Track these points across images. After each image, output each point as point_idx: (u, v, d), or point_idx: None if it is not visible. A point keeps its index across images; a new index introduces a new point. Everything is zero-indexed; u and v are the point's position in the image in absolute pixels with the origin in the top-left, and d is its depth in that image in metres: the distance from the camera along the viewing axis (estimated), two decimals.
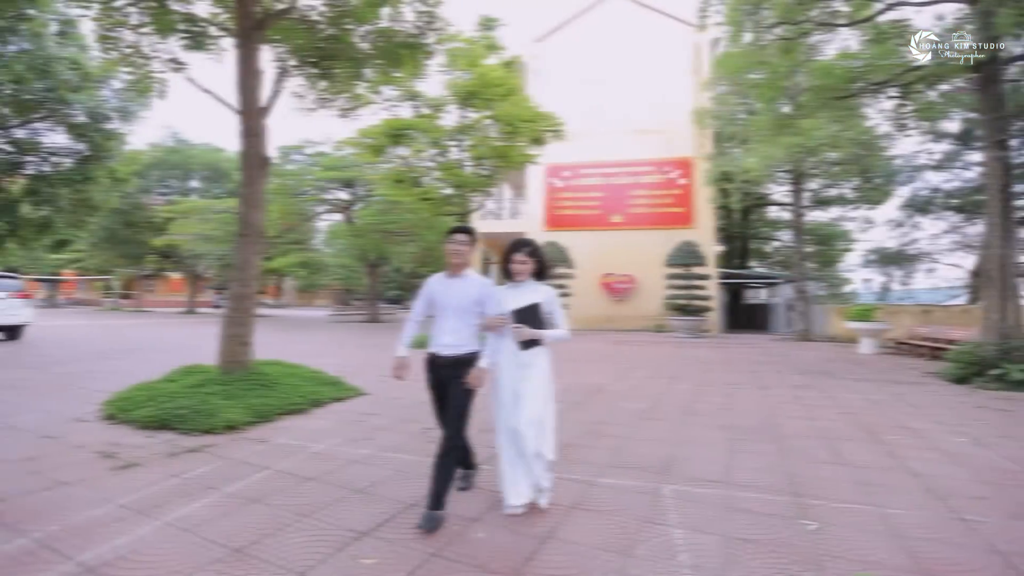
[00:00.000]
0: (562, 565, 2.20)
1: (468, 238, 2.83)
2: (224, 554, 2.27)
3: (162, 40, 5.19)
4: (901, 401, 6.00)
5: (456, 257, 2.79)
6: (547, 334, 2.79)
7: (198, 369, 5.87)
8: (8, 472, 3.28)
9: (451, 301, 2.77)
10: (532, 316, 2.77)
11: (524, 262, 2.84)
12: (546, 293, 2.85)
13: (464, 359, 2.72)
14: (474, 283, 2.79)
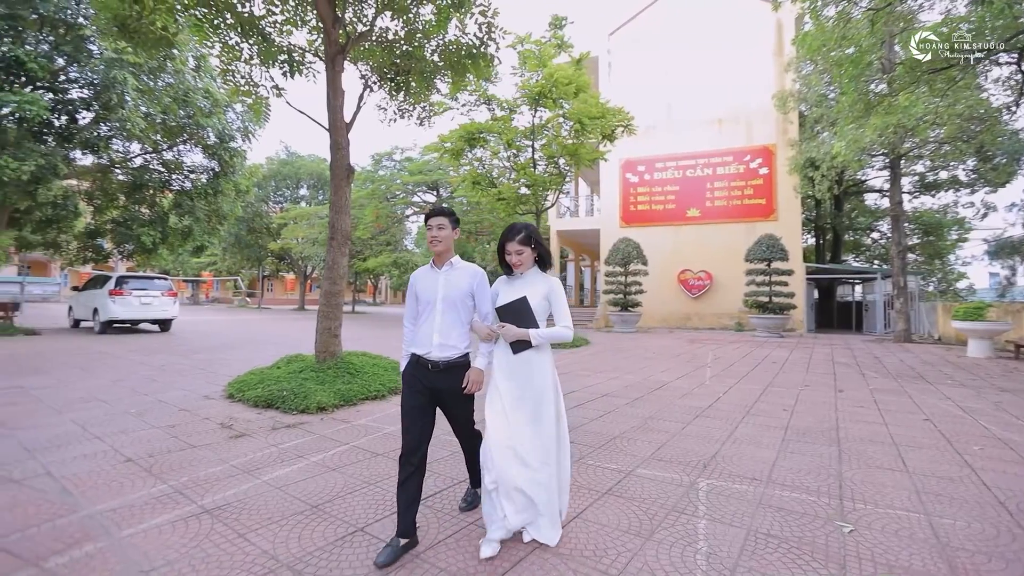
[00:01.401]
0: (582, 542, 2.44)
1: (447, 220, 2.48)
2: (305, 508, 2.78)
3: (266, 69, 6.05)
4: (1001, 411, 5.37)
5: (434, 244, 2.46)
6: (537, 333, 2.34)
7: (298, 358, 6.76)
8: (156, 436, 4.14)
9: (438, 295, 2.44)
10: (519, 313, 2.35)
11: (520, 252, 2.42)
12: (548, 285, 2.45)
13: (457, 363, 2.42)
14: (464, 273, 2.48)
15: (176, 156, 15.81)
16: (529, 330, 2.34)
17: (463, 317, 2.46)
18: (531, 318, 2.36)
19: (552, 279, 2.49)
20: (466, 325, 2.47)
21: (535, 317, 2.36)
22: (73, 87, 12.15)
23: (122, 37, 5.08)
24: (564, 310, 2.44)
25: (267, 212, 34.43)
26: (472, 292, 2.46)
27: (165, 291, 14.27)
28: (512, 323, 2.36)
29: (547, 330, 2.39)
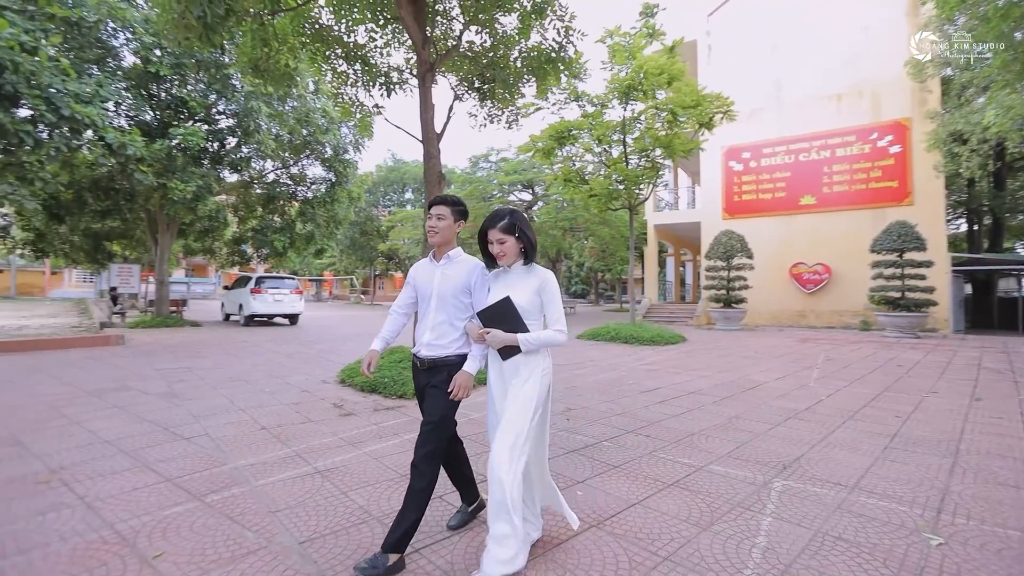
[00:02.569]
0: (637, 525, 2.56)
1: (448, 210, 2.27)
2: (395, 476, 3.20)
3: (368, 91, 6.78)
4: None
5: (432, 235, 2.28)
6: (526, 339, 2.06)
7: (399, 350, 7.44)
8: (284, 410, 4.91)
9: (433, 289, 2.27)
10: (502, 316, 2.08)
11: (502, 240, 2.14)
12: (539, 279, 2.15)
13: (445, 362, 2.22)
14: (462, 267, 2.27)
15: (300, 170, 17.89)
16: (518, 335, 2.06)
17: (458, 314, 2.24)
18: (517, 320, 2.07)
19: (544, 272, 2.19)
20: (461, 323, 2.24)
21: (522, 318, 2.08)
22: (221, 118, 14.34)
23: (256, 75, 6.10)
24: (558, 309, 2.14)
25: (377, 216, 37.52)
26: (469, 288, 2.25)
27: (293, 289, 16.27)
28: (498, 327, 2.08)
29: (537, 335, 2.08)
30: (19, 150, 8.15)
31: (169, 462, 3.42)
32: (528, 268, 2.22)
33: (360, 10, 5.82)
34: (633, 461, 3.52)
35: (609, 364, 8.32)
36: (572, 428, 4.37)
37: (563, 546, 2.33)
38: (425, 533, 2.44)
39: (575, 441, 3.99)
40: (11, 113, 7.77)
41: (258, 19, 5.29)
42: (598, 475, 3.25)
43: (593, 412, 4.97)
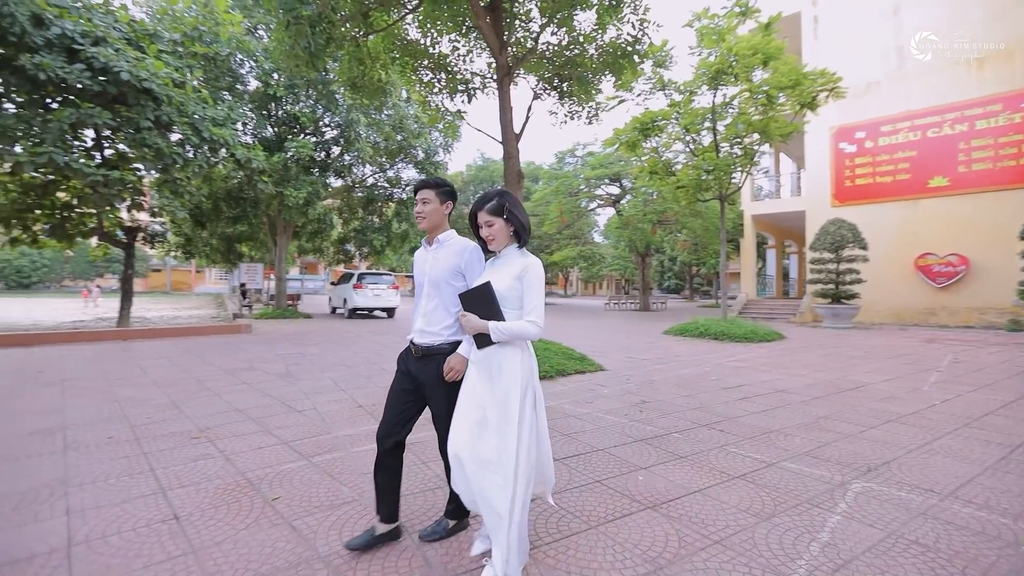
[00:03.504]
0: (694, 510, 2.62)
1: (432, 194, 2.21)
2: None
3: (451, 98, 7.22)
4: None
5: (421, 221, 2.23)
6: (497, 328, 1.94)
7: None
8: (377, 392, 5.47)
9: (426, 275, 2.23)
10: (480, 301, 1.99)
11: (490, 223, 2.06)
12: (522, 266, 2.02)
13: (438, 350, 2.16)
14: (452, 249, 2.20)
15: (395, 173, 19.18)
16: (489, 323, 1.95)
17: (452, 299, 2.16)
18: (494, 307, 1.97)
19: (529, 259, 2.05)
20: (456, 308, 2.15)
21: (499, 306, 1.98)
22: (327, 129, 15.85)
23: (353, 92, 6.80)
24: (536, 299, 1.99)
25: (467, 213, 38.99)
26: (461, 270, 2.16)
27: (390, 285, 17.54)
28: (475, 312, 1.99)
29: (508, 325, 1.95)
30: (172, 169, 9.74)
31: (284, 429, 4.03)
32: (516, 252, 2.10)
33: (443, 22, 6.26)
34: (701, 453, 3.52)
35: (694, 360, 8.10)
36: (644, 419, 4.42)
37: (616, 522, 2.47)
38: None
39: (644, 431, 4.05)
40: (166, 138, 9.31)
41: (354, 42, 5.94)
42: (662, 463, 3.31)
43: (668, 406, 4.96)
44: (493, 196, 2.10)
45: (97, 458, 3.35)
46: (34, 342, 9.16)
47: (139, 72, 8.32)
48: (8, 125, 8.03)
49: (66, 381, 5.90)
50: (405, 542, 2.28)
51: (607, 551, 2.20)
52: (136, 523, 2.44)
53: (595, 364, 7.23)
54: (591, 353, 8.11)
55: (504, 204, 2.06)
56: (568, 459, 3.38)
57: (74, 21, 8.12)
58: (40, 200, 10.12)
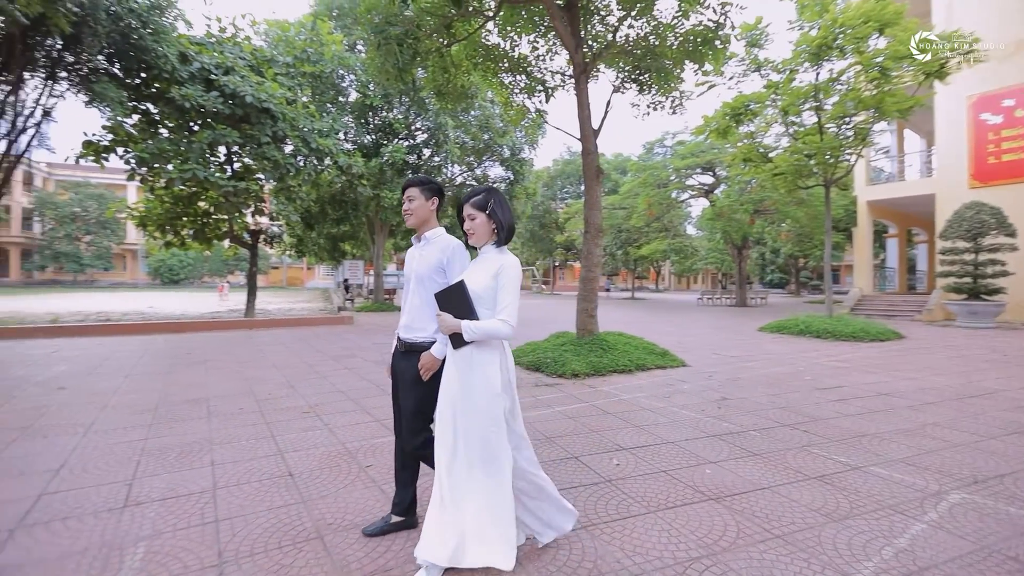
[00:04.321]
0: (759, 505, 2.60)
1: (417, 191, 2.24)
2: (541, 438, 3.72)
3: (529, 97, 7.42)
4: None
5: (408, 218, 2.27)
6: (469, 327, 1.91)
7: (564, 335, 8.02)
8: None
9: (413, 271, 2.25)
10: (454, 300, 1.97)
11: (472, 217, 2.05)
12: (498, 263, 2.00)
13: (420, 347, 2.17)
14: (438, 246, 2.21)
15: (483, 171, 19.81)
16: (462, 323, 1.93)
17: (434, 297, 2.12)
18: (468, 306, 1.96)
19: (506, 257, 2.04)
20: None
21: (473, 305, 1.97)
22: (419, 133, 16.80)
23: (439, 99, 7.27)
24: (509, 297, 1.97)
25: (554, 209, 39.10)
26: (443, 267, 2.18)
27: None
28: (450, 311, 1.97)
29: (480, 324, 1.92)
30: (287, 177, 10.98)
31: (378, 409, 4.51)
32: (498, 252, 2.08)
33: (523, 25, 6.46)
34: (778, 452, 3.42)
35: (788, 359, 7.63)
36: (721, 416, 4.34)
37: (676, 509, 2.54)
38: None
39: (719, 427, 3.99)
40: (282, 151, 10.52)
41: (438, 53, 6.35)
42: (733, 459, 3.28)
43: (750, 404, 4.79)
44: (481, 191, 2.10)
45: (232, 424, 4.02)
46: (183, 329, 10.84)
47: (260, 94, 9.51)
48: (163, 148, 9.58)
49: (207, 361, 6.99)
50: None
51: (662, 534, 2.29)
52: (261, 476, 2.95)
53: (677, 360, 7.10)
54: (675, 349, 7.95)
55: (489, 200, 2.06)
56: (636, 449, 3.46)
57: (210, 55, 9.47)
58: (186, 209, 11.91)
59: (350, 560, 2.08)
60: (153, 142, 9.94)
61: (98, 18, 7.81)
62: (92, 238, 40.32)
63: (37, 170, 40.47)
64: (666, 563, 2.05)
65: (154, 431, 3.84)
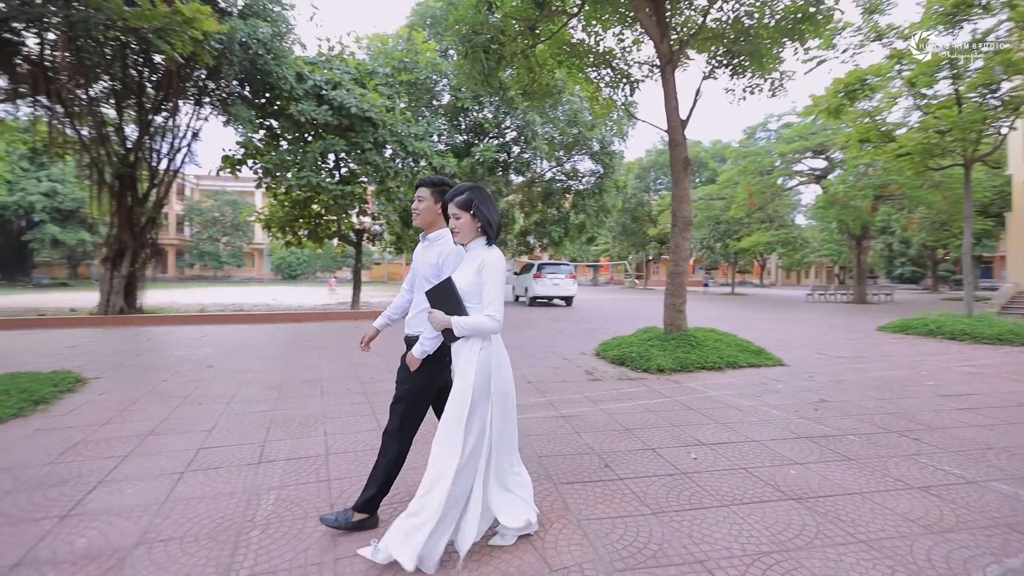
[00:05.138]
0: (846, 510, 2.48)
1: (427, 192, 2.31)
2: (620, 428, 3.79)
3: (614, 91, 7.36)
4: None
5: (415, 217, 2.37)
6: (458, 323, 1.98)
7: (651, 329, 7.90)
8: (545, 371, 6.05)
9: (417, 270, 2.37)
10: (443, 297, 2.03)
11: (457, 216, 2.09)
12: (481, 259, 2.04)
13: (415, 341, 2.24)
14: (437, 247, 2.30)
15: (572, 166, 19.79)
16: (451, 319, 2.00)
17: None
18: (456, 302, 2.02)
19: (491, 252, 2.06)
20: None
21: (461, 301, 2.03)
22: (508, 131, 17.20)
23: (525, 98, 7.45)
24: (493, 292, 2.00)
25: (647, 201, 37.85)
26: (438, 269, 2.26)
27: (568, 275, 18.26)
28: (441, 308, 2.04)
29: (467, 319, 1.99)
30: (387, 180, 11.87)
31: None
32: (484, 248, 2.10)
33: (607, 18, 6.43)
34: (878, 458, 3.19)
35: (908, 362, 6.87)
36: (816, 418, 4.09)
37: (751, 505, 2.51)
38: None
39: (812, 429, 3.78)
40: (382, 155, 11.40)
41: (523, 54, 6.54)
42: (823, 462, 3.12)
43: (852, 407, 4.45)
44: (464, 190, 2.11)
45: (340, 401, 4.56)
46: (300, 319, 12.18)
47: (363, 105, 10.40)
48: (283, 158, 10.83)
49: (320, 348, 7.85)
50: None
51: (733, 527, 2.29)
52: (364, 447, 3.36)
53: (774, 358, 6.71)
54: (773, 347, 7.50)
55: (472, 200, 2.08)
56: (716, 445, 3.41)
57: (320, 73, 10.51)
58: (302, 212, 13.34)
59: None
60: (275, 153, 11.29)
61: (233, 50, 9.04)
62: (228, 239, 46.19)
63: (187, 182, 47.18)
64: (733, 553, 2.07)
65: (279, 404, 4.48)
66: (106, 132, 11.02)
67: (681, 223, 6.89)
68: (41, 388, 4.63)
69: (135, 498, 2.59)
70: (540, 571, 1.95)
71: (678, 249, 7.02)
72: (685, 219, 6.89)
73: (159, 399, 4.64)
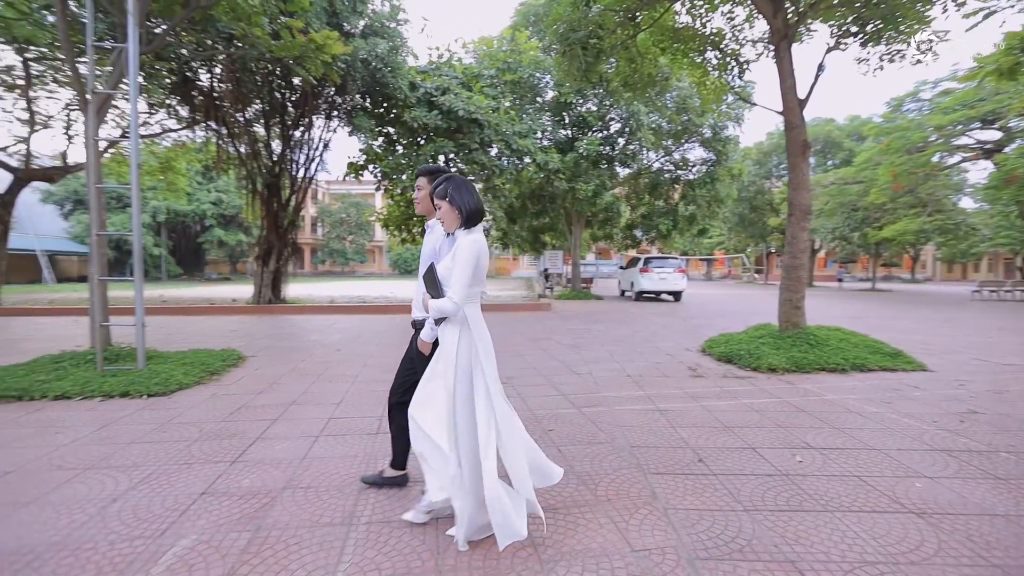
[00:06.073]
0: (981, 531, 2.20)
1: (425, 180, 2.41)
2: (719, 425, 3.68)
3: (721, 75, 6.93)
4: None
5: (417, 206, 2.49)
6: (431, 305, 2.11)
7: (764, 327, 7.37)
8: (646, 366, 5.96)
9: (422, 256, 2.47)
10: (429, 282, 2.15)
11: (439, 206, 2.20)
12: (456, 245, 2.14)
13: (422, 324, 2.33)
14: (434, 233, 2.41)
15: (681, 155, 18.88)
16: (429, 301, 2.14)
17: None
18: (437, 287, 2.14)
19: (467, 237, 2.14)
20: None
21: (441, 285, 2.14)
22: (612, 123, 16.88)
23: (627, 90, 7.32)
24: (457, 275, 2.06)
25: (768, 188, 34.73)
26: (437, 254, 2.37)
27: (676, 269, 17.52)
28: (430, 292, 2.16)
29: (433, 302, 2.11)
30: (493, 177, 12.36)
31: (565, 385, 4.98)
32: (465, 233, 2.18)
33: None
34: None
35: None
36: (959, 430, 3.60)
37: (862, 514, 2.33)
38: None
39: (951, 442, 3.34)
40: (488, 154, 11.89)
41: (623, 46, 6.42)
42: (959, 478, 2.77)
43: (1011, 421, 3.83)
44: (441, 181, 2.22)
45: None
46: None
47: (469, 107, 10.94)
48: (399, 162, 11.79)
49: None
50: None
51: (834, 533, 2.16)
52: None
53: (914, 362, 5.94)
54: (917, 351, 6.64)
55: (448, 188, 2.17)
56: (827, 450, 3.18)
57: (431, 80, 11.24)
58: None
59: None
60: (392, 158, 12.32)
61: (356, 67, 10.04)
62: (353, 238, 50.98)
63: (319, 187, 52.89)
64: (831, 558, 1.97)
65: None
66: (257, 148, 12.85)
67: (799, 212, 6.35)
68: (214, 362, 5.65)
69: (282, 453, 3.12)
70: (621, 550, 2.03)
71: (795, 240, 6.48)
72: (803, 207, 6.33)
73: (299, 376, 5.41)
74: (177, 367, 5.23)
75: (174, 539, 2.11)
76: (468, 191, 2.19)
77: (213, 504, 2.43)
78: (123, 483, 2.67)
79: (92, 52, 5.03)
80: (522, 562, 1.95)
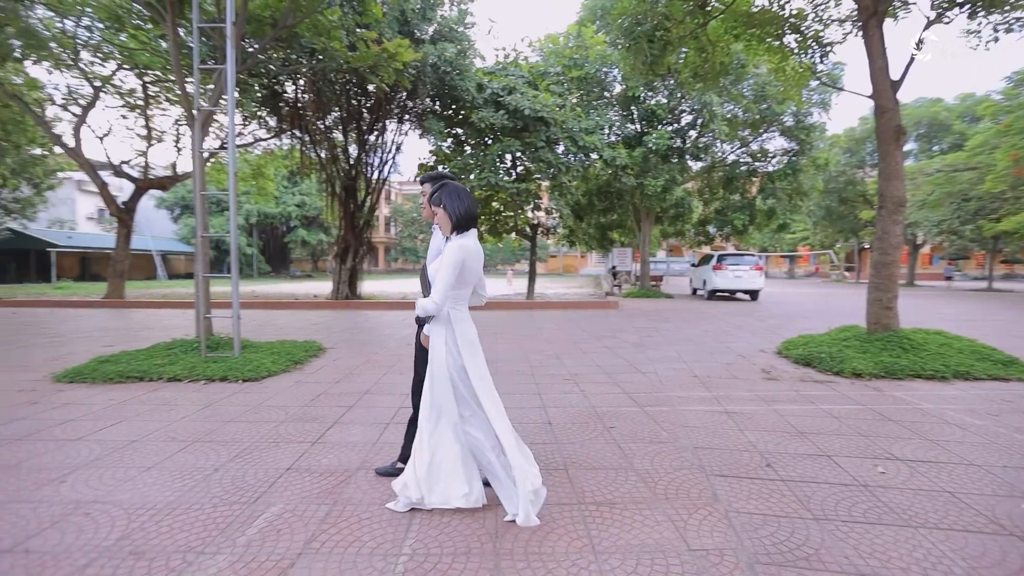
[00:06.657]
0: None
1: (429, 187, 2.51)
2: (792, 431, 3.49)
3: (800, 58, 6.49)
4: None
5: (423, 210, 2.61)
6: (416, 302, 2.29)
7: (850, 329, 6.85)
8: (715, 367, 5.75)
9: (428, 258, 2.58)
10: (423, 282, 2.34)
11: (434, 212, 2.35)
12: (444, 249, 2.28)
13: (420, 322, 2.47)
14: (437, 236, 2.52)
15: (760, 146, 17.83)
16: (417, 300, 2.32)
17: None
18: (427, 288, 2.32)
19: (454, 241, 2.25)
20: None
21: (430, 285, 2.30)
22: (683, 115, 16.25)
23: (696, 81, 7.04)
24: (440, 277, 2.19)
25: (861, 179, 31.85)
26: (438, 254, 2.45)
27: (753, 266, 16.61)
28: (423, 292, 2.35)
29: (418, 301, 2.29)
30: (559, 175, 12.35)
31: (628, 384, 4.93)
32: (456, 236, 2.29)
33: None
34: None
35: None
36: None
37: (949, 532, 2.14)
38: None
39: None
40: (554, 152, 11.89)
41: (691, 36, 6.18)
42: None
43: None
44: (436, 189, 2.36)
45: (510, 381, 5.07)
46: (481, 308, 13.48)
47: (535, 106, 11.00)
48: (467, 161, 12.09)
49: (497, 333, 8.66)
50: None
51: (916, 549, 2.01)
52: (529, 421, 3.74)
53: None
54: None
55: (441, 195, 2.31)
56: (915, 463, 2.93)
57: (497, 80, 11.42)
58: (482, 209, 14.66)
59: (584, 489, 2.57)
60: (461, 158, 12.66)
61: (425, 72, 10.44)
62: (423, 236, 52.85)
63: (392, 188, 55.30)
64: (910, 574, 1.84)
65: None
66: (336, 152, 13.71)
67: (891, 204, 5.83)
68: (298, 352, 6.15)
69: (357, 437, 3.37)
70: (678, 547, 2.02)
71: (886, 235, 5.96)
72: (896, 199, 5.80)
73: (372, 367, 5.76)
74: (267, 356, 5.75)
75: (264, 506, 2.37)
76: (460, 198, 2.30)
77: (296, 479, 2.69)
78: (223, 455, 3.01)
79: (198, 73, 5.63)
80: (577, 551, 2.00)
